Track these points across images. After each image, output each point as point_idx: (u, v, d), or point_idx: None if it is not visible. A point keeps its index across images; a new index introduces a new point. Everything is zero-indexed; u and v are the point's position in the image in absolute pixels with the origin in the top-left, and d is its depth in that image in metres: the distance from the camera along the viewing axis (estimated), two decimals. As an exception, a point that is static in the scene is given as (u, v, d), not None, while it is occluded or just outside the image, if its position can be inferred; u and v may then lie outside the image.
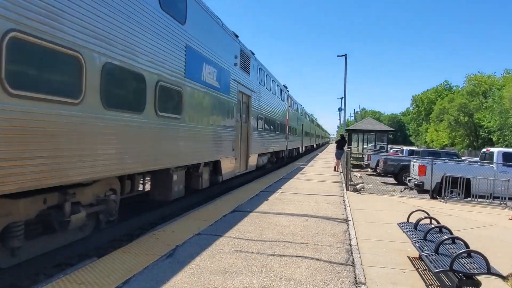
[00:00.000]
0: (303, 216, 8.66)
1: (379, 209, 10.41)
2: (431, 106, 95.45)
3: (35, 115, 4.57)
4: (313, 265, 5.44)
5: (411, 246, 6.25)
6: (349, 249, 6.32)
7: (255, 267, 5.22)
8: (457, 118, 74.35)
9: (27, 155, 4.49)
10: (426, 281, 5.12)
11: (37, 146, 4.64)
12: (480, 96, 74.51)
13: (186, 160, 9.17)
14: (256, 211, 9.02)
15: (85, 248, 6.76)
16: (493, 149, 15.73)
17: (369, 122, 34.74)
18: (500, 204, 12.22)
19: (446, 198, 12.78)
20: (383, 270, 5.44)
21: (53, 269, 5.85)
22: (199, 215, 8.37)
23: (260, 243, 6.38)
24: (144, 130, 7.05)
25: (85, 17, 5.38)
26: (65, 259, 6.24)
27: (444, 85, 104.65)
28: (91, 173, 5.68)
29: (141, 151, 6.98)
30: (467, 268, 4.15)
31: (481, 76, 79.42)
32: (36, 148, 4.62)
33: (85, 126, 5.45)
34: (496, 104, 59.26)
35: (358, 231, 7.59)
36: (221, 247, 6.08)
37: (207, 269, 5.06)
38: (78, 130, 5.32)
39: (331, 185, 14.90)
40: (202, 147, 10.06)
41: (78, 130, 5.32)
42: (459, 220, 9.35)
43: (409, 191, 15.34)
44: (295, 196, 11.61)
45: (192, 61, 9.17)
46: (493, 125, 60.10)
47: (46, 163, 4.77)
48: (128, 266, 5.04)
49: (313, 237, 6.92)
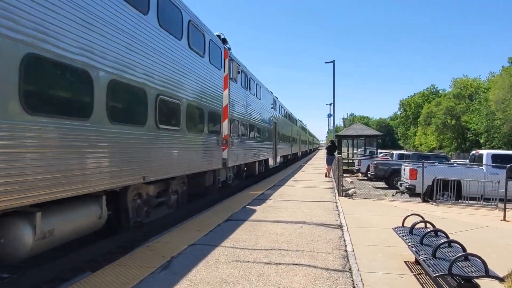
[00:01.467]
0: (297, 223, 8.62)
1: (372, 214, 10.42)
2: (419, 110, 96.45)
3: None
4: (310, 272, 5.40)
5: (406, 251, 6.24)
6: (345, 255, 6.30)
7: (252, 277, 5.17)
8: (445, 121, 75.20)
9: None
10: (424, 285, 5.11)
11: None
12: (467, 99, 75.56)
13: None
14: (250, 219, 8.97)
15: (78, 261, 6.63)
16: (482, 151, 15.89)
17: (358, 127, 34.94)
18: (491, 205, 12.31)
19: (438, 201, 12.85)
20: (381, 276, 5.42)
21: (45, 285, 5.72)
22: (192, 225, 8.30)
23: (256, 252, 6.32)
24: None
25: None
26: (57, 273, 6.11)
27: (431, 89, 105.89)
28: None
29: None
30: (465, 272, 4.15)
31: (467, 79, 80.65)
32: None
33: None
34: (483, 107, 60.10)
35: (353, 237, 7.57)
36: (217, 257, 6.02)
37: (203, 280, 4.99)
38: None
39: (323, 191, 14.90)
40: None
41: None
42: (452, 222, 9.38)
43: (401, 195, 15.40)
44: (288, 203, 11.58)
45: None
46: (480, 127, 60.88)
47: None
48: (123, 279, 4.95)
49: (309, 244, 6.88)
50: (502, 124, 52.93)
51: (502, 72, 58.13)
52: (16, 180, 4.45)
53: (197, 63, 10.45)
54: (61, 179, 5.18)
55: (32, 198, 4.69)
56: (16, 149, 4.47)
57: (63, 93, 5.45)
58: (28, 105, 4.66)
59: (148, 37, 7.65)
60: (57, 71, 5.26)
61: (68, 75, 5.49)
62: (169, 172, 8.70)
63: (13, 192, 4.41)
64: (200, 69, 10.61)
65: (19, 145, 4.54)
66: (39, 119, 4.84)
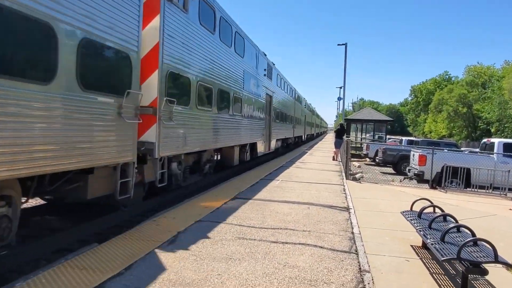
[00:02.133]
0: (304, 204, 8.61)
1: (379, 198, 10.37)
2: (430, 97, 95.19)
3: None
4: (317, 252, 5.39)
5: (413, 235, 6.21)
6: (351, 237, 6.28)
7: (258, 254, 5.17)
8: (456, 109, 74.20)
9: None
10: (430, 269, 5.08)
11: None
12: (480, 87, 74.36)
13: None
14: (257, 198, 8.96)
15: (85, 234, 6.70)
16: (494, 140, 15.71)
17: (368, 112, 34.67)
18: (500, 194, 12.21)
19: (446, 188, 12.76)
20: (387, 259, 5.40)
21: (53, 255, 5.78)
22: (199, 202, 8.31)
23: (263, 230, 6.32)
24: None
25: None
26: (65, 245, 6.18)
27: (444, 75, 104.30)
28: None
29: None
30: (474, 257, 4.11)
31: (481, 67, 79.19)
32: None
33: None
34: (495, 95, 59.15)
35: (360, 220, 7.54)
36: (223, 234, 6.03)
37: (209, 256, 5.01)
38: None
39: (330, 174, 14.85)
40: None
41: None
42: (460, 209, 9.30)
43: (409, 181, 15.31)
44: (295, 184, 11.56)
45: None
46: (492, 116, 60.05)
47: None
48: (130, 252, 4.98)
49: (315, 225, 6.87)
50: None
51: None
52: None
53: None
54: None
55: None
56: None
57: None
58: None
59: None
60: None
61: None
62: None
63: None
64: None
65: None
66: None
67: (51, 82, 4.88)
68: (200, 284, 4.12)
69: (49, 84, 4.84)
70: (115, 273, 4.27)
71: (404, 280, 4.66)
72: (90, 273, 4.24)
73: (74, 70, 5.25)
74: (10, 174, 4.39)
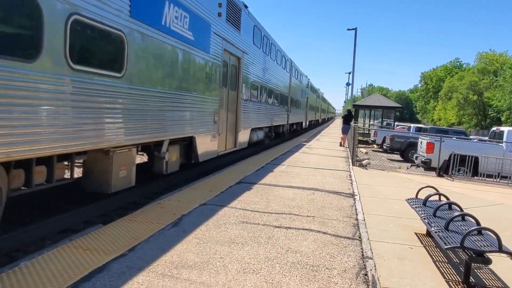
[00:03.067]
0: (309, 190, 8.60)
1: (385, 185, 10.33)
2: (440, 84, 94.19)
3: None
4: (320, 238, 5.39)
5: (418, 222, 6.19)
6: (355, 223, 6.26)
7: (261, 239, 5.18)
8: (466, 96, 73.37)
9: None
10: (434, 257, 5.06)
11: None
12: (491, 75, 73.30)
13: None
14: (262, 183, 8.96)
15: (90, 215, 6.76)
16: (504, 128, 15.50)
17: (377, 98, 34.40)
18: (508, 183, 12.10)
19: (453, 176, 12.67)
20: (390, 246, 5.38)
21: (58, 235, 5.85)
22: (204, 185, 8.33)
23: (266, 215, 6.33)
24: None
25: None
26: (70, 225, 6.24)
27: (455, 62, 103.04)
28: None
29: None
30: (478, 246, 4.07)
31: (493, 54, 77.97)
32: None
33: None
34: (507, 83, 58.31)
35: (365, 206, 7.52)
36: (227, 217, 6.04)
37: (213, 239, 5.02)
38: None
39: (337, 160, 14.80)
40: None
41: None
42: (466, 198, 9.25)
43: (416, 168, 15.23)
44: (301, 169, 11.54)
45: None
46: (503, 104, 59.32)
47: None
48: (133, 234, 5.01)
49: (320, 211, 6.86)
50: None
51: (531, 48, 55.93)
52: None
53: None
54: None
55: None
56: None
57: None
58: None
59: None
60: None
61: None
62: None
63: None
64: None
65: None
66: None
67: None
68: (202, 267, 4.14)
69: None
70: (119, 254, 4.30)
71: (407, 267, 4.64)
72: (94, 253, 4.28)
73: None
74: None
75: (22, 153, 4.53)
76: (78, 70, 5.25)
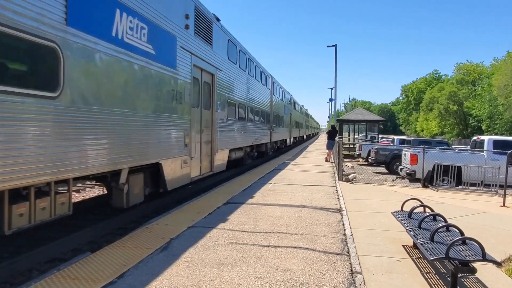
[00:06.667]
0: (296, 207, 8.65)
1: (372, 199, 10.44)
2: (421, 96, 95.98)
3: None
4: (309, 255, 5.42)
5: (405, 235, 6.27)
6: (343, 238, 6.32)
7: (250, 259, 5.20)
8: (447, 107, 74.89)
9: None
10: (421, 269, 5.13)
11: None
12: (470, 85, 75.08)
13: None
14: (250, 202, 8.99)
15: (78, 243, 6.69)
16: (484, 137, 15.83)
17: (360, 112, 34.78)
18: (491, 191, 12.31)
19: (438, 186, 12.87)
20: (378, 259, 5.45)
21: (46, 265, 5.78)
22: (192, 207, 8.32)
23: (255, 235, 6.35)
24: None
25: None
26: (58, 254, 6.17)
27: (434, 74, 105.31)
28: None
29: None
30: (462, 255, 4.16)
31: (470, 64, 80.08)
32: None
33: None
34: (485, 92, 59.78)
35: (352, 221, 7.59)
36: (216, 239, 6.04)
37: (202, 262, 5.02)
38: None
39: (323, 176, 14.91)
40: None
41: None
42: (451, 208, 9.40)
43: (401, 180, 15.40)
44: (287, 187, 11.60)
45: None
46: (483, 113, 60.65)
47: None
48: (122, 260, 4.98)
49: (308, 228, 6.91)
50: (505, 110, 52.79)
51: (506, 57, 57.70)
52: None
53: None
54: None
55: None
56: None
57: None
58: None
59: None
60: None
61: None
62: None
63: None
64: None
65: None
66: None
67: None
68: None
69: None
70: (108, 282, 4.27)
71: (395, 280, 4.70)
72: (83, 282, 4.24)
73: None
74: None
75: None
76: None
